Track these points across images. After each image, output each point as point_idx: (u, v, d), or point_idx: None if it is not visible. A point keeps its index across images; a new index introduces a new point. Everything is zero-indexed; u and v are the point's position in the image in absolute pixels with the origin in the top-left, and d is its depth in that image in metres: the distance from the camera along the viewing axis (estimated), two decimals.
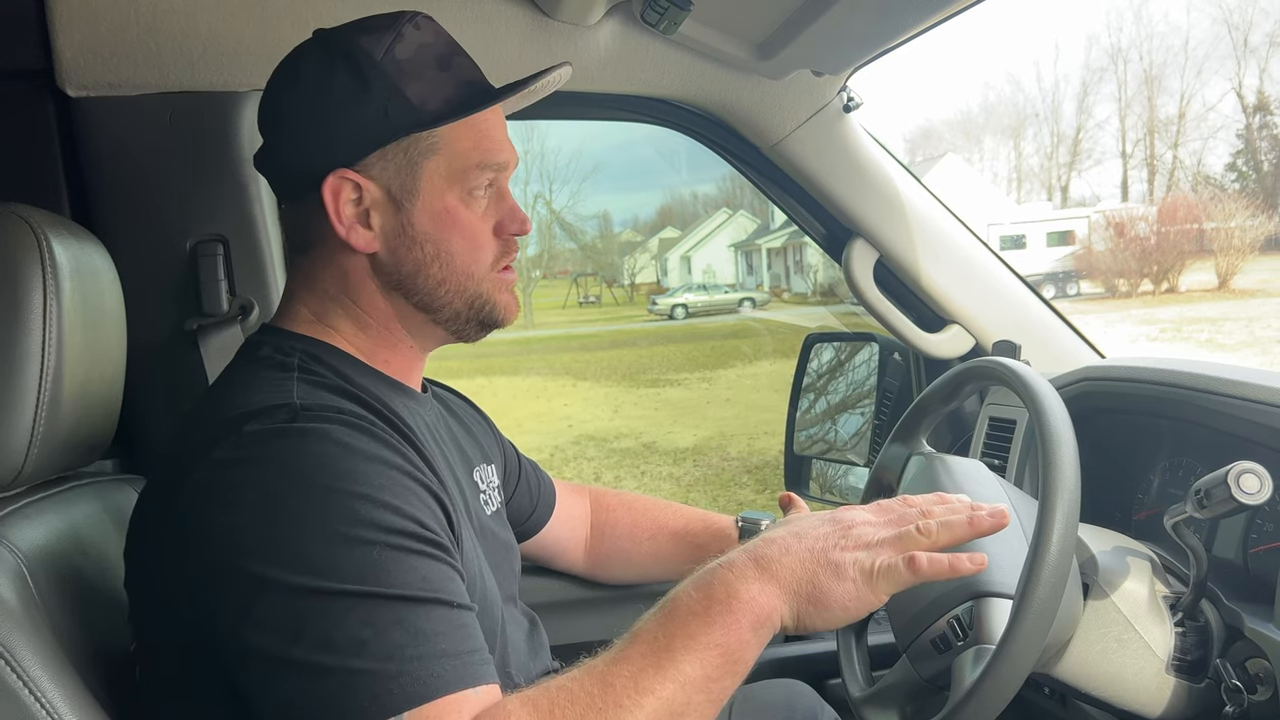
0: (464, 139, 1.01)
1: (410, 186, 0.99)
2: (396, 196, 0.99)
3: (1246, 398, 1.20)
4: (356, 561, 0.79)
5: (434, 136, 0.99)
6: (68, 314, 1.01)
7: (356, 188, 0.99)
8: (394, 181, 0.99)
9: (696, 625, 0.85)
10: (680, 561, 1.50)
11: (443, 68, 1.01)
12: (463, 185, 1.01)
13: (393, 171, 0.99)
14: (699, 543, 1.48)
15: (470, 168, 1.01)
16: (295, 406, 0.87)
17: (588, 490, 1.56)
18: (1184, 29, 64.85)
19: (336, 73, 0.98)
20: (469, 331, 1.07)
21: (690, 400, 12.44)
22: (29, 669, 0.83)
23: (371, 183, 0.99)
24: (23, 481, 1.00)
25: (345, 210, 0.99)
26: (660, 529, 1.50)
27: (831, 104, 1.68)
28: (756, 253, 29.11)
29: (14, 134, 1.42)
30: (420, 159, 0.99)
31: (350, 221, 0.99)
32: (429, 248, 1.00)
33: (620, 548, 1.52)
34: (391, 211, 1.00)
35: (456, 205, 1.01)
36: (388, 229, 1.00)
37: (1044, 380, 1.11)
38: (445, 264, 1.01)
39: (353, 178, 0.98)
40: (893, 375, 1.90)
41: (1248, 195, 29.24)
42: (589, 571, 1.55)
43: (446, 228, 1.01)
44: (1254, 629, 1.09)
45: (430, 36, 1.02)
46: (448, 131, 1.00)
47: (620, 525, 1.52)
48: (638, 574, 1.54)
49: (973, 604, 1.08)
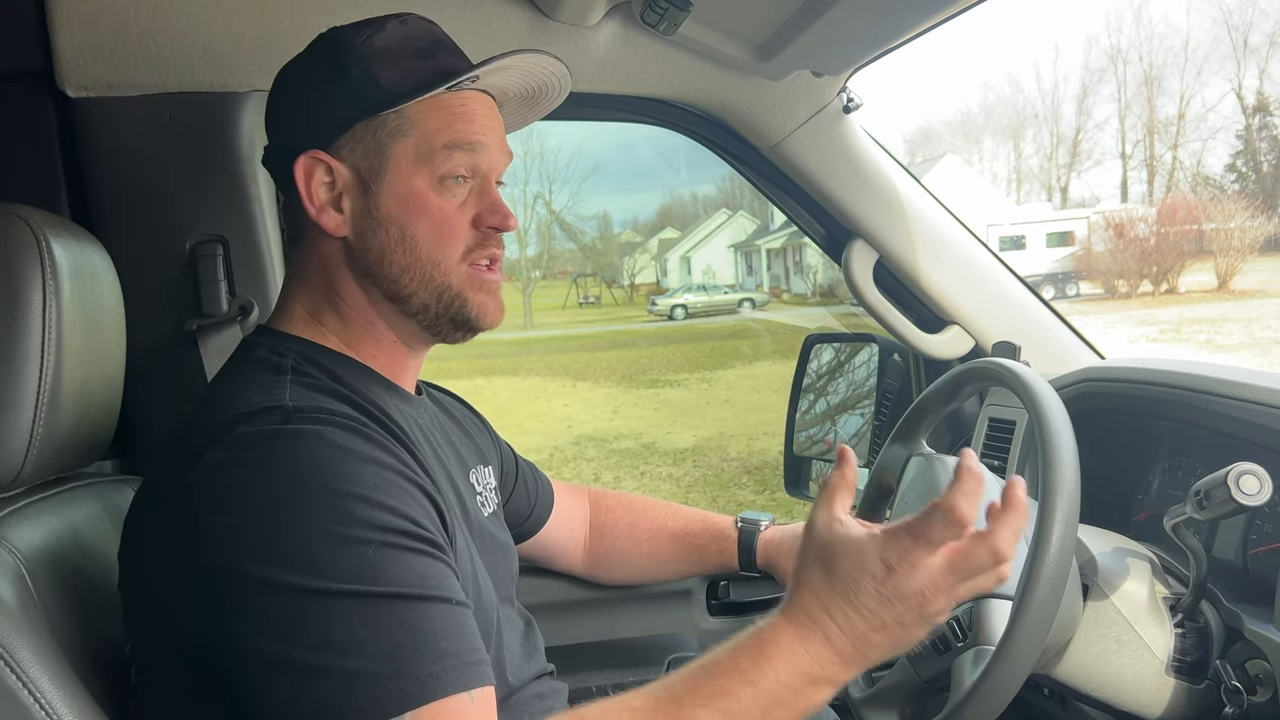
0: (432, 120, 1.00)
1: (378, 168, 0.99)
2: (365, 178, 1.00)
3: (1246, 399, 1.20)
4: (353, 561, 0.79)
5: (402, 118, 0.99)
6: (67, 314, 1.01)
7: (329, 170, 1.00)
8: (363, 163, 1.00)
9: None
10: (679, 562, 1.50)
11: (422, 58, 1.01)
12: (432, 169, 1.00)
13: (361, 153, 0.99)
14: (698, 543, 1.48)
15: (438, 148, 1.00)
16: (288, 408, 0.87)
17: (586, 491, 1.56)
18: (1184, 30, 64.81)
19: (316, 60, 1.02)
20: (443, 328, 1.04)
21: (690, 401, 12.44)
22: (28, 669, 0.83)
23: (342, 164, 1.00)
24: (22, 482, 1.00)
25: (318, 192, 1.00)
26: (659, 529, 1.50)
27: (831, 105, 1.68)
28: (756, 253, 29.13)
29: (14, 134, 1.42)
30: (388, 140, 0.99)
31: (322, 203, 1.00)
32: (393, 230, 0.99)
33: (620, 548, 1.52)
34: (360, 194, 1.00)
35: (425, 189, 1.00)
36: (356, 212, 1.00)
37: (1044, 381, 1.11)
38: (409, 249, 1.00)
39: (324, 159, 0.99)
40: (892, 376, 1.90)
41: (1247, 196, 29.27)
42: (588, 572, 1.55)
43: (412, 212, 1.00)
44: (1254, 630, 1.09)
45: (418, 31, 1.03)
46: (416, 113, 0.99)
47: (619, 526, 1.52)
48: (637, 574, 1.54)
49: (972, 605, 1.09)
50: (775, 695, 0.82)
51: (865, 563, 0.83)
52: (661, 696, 0.83)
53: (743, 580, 1.76)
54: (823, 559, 0.86)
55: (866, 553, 0.84)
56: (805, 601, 0.85)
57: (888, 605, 0.83)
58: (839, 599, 0.84)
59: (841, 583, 0.84)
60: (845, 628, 0.84)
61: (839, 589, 0.84)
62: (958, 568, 0.82)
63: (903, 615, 0.83)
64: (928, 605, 0.83)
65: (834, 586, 0.84)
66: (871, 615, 0.83)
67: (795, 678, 0.83)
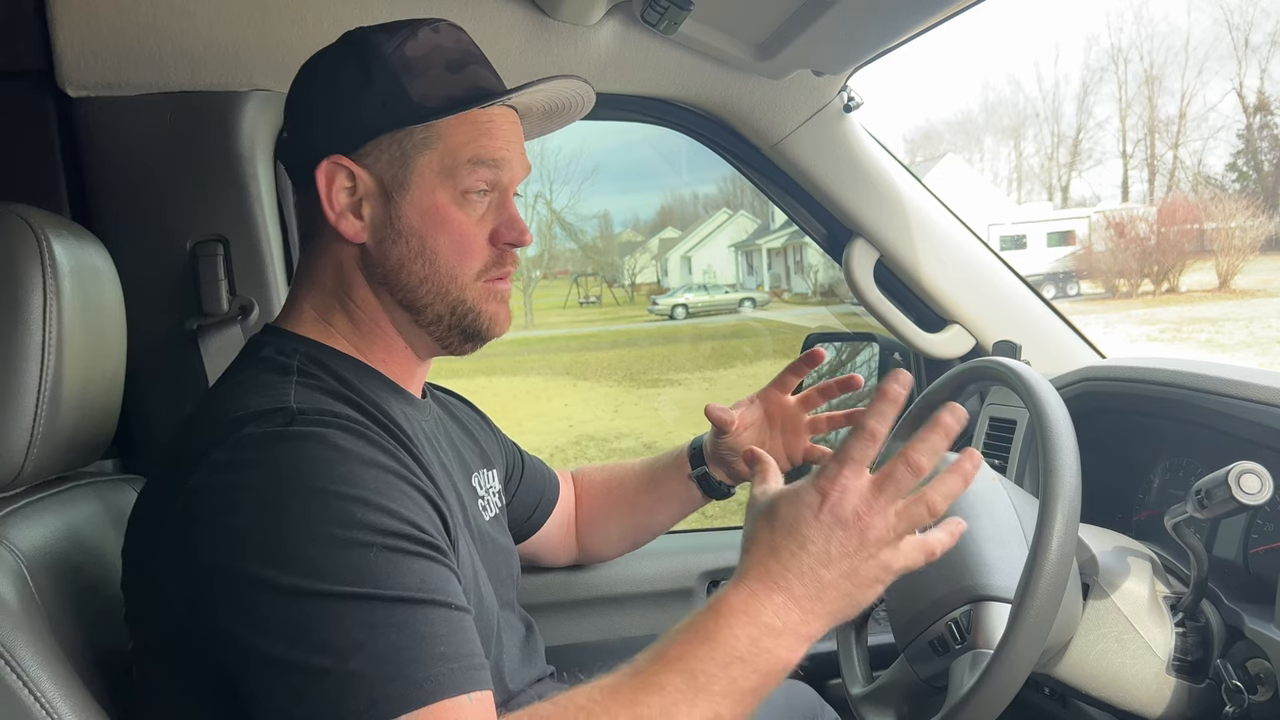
0: (459, 135, 1.00)
1: (402, 179, 0.99)
2: (388, 188, 0.99)
3: (1247, 398, 1.20)
4: (354, 563, 0.79)
5: (429, 131, 0.99)
6: (68, 314, 1.01)
7: (351, 176, 0.99)
8: (386, 172, 0.99)
9: (701, 648, 0.83)
10: (652, 501, 1.50)
11: (453, 70, 1.01)
12: (455, 183, 1.00)
13: (386, 162, 0.99)
14: (659, 477, 1.49)
15: (462, 163, 1.00)
16: (292, 410, 0.87)
17: (569, 473, 1.57)
18: (1184, 29, 64.90)
19: (345, 64, 1.01)
20: (453, 340, 1.04)
21: (691, 400, 12.42)
22: (28, 669, 0.83)
23: (365, 172, 0.99)
24: (23, 481, 1.00)
25: (338, 198, 1.00)
26: (627, 471, 1.52)
27: (832, 104, 1.68)
28: (756, 253, 29.10)
29: (14, 134, 1.42)
30: (414, 152, 0.99)
31: (341, 209, 1.00)
32: (414, 242, 1.00)
33: (598, 509, 1.53)
34: (382, 203, 1.00)
35: (447, 204, 1.00)
36: (376, 220, 1.00)
37: (1045, 381, 1.11)
38: (429, 261, 1.00)
39: (347, 165, 0.99)
40: None
41: (1248, 195, 29.26)
42: (580, 552, 1.56)
43: (434, 225, 1.00)
44: (1254, 629, 1.09)
45: (449, 41, 1.02)
46: (444, 128, 1.00)
47: (596, 487, 1.54)
48: (618, 534, 1.54)
49: (971, 608, 1.08)
50: (734, 650, 0.83)
51: (801, 496, 0.87)
52: (627, 671, 0.84)
53: None
54: (766, 514, 0.89)
55: (801, 489, 0.87)
56: (753, 555, 0.87)
57: (829, 534, 0.85)
58: (784, 540, 0.86)
59: (783, 525, 0.87)
60: (794, 568, 0.85)
61: (781, 531, 0.86)
62: (884, 488, 0.85)
63: (846, 545, 0.84)
64: (868, 530, 0.84)
65: (776, 530, 0.87)
66: (818, 550, 0.85)
67: (754, 628, 0.83)
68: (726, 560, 1.74)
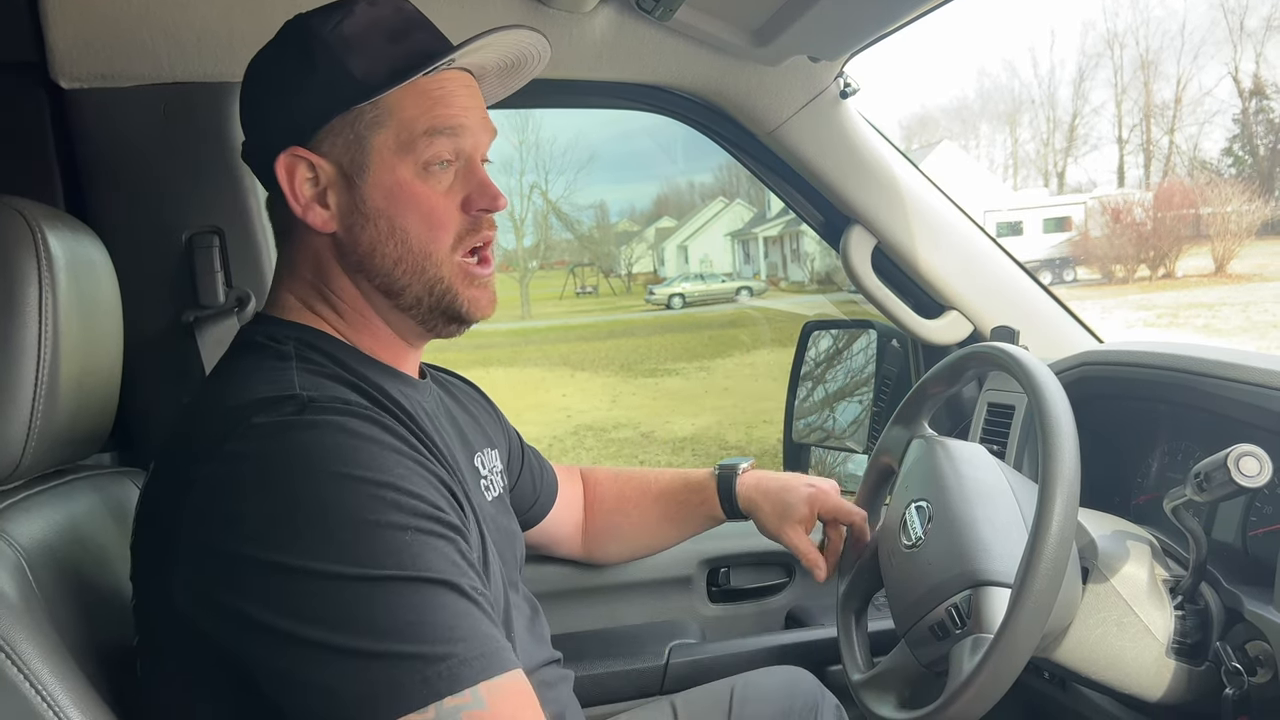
0: (410, 107, 0.98)
1: (360, 161, 0.97)
2: (349, 173, 0.98)
3: (1245, 381, 1.20)
4: (391, 547, 0.79)
5: (379, 108, 0.97)
6: (64, 307, 1.01)
7: (311, 166, 0.98)
8: (344, 157, 0.98)
9: None
10: (668, 524, 1.51)
11: (394, 40, 0.98)
12: (415, 157, 0.98)
13: (342, 147, 0.97)
14: (680, 499, 1.49)
15: (418, 136, 0.97)
16: (302, 398, 0.87)
17: (579, 471, 1.57)
18: (1180, 13, 64.65)
19: (287, 53, 0.99)
20: (436, 322, 1.03)
21: (688, 389, 12.44)
22: (30, 663, 0.82)
23: (323, 160, 0.98)
24: (20, 475, 1.00)
25: (302, 190, 0.98)
26: (644, 494, 1.52)
27: (828, 90, 1.67)
28: (753, 241, 29.06)
29: (7, 127, 1.41)
30: (367, 132, 0.97)
31: (307, 201, 0.98)
32: (383, 224, 0.98)
33: (612, 522, 1.53)
34: (345, 189, 0.98)
35: (410, 180, 0.98)
36: (343, 207, 0.98)
37: (1044, 366, 1.11)
38: (400, 241, 0.98)
39: (304, 155, 0.97)
40: (890, 362, 1.90)
41: (1244, 180, 29.22)
42: (586, 554, 1.56)
43: (400, 203, 0.98)
44: (1254, 612, 1.10)
45: (388, 11, 1.00)
46: (393, 102, 0.97)
47: (608, 499, 1.53)
48: (630, 547, 1.55)
49: (971, 592, 1.09)
50: None
51: None
52: None
53: (743, 566, 1.76)
54: None
55: None
56: None
57: None
58: None
59: None
60: None
61: None
62: None
63: None
64: None
65: None
66: None
67: None
68: (725, 547, 1.74)
